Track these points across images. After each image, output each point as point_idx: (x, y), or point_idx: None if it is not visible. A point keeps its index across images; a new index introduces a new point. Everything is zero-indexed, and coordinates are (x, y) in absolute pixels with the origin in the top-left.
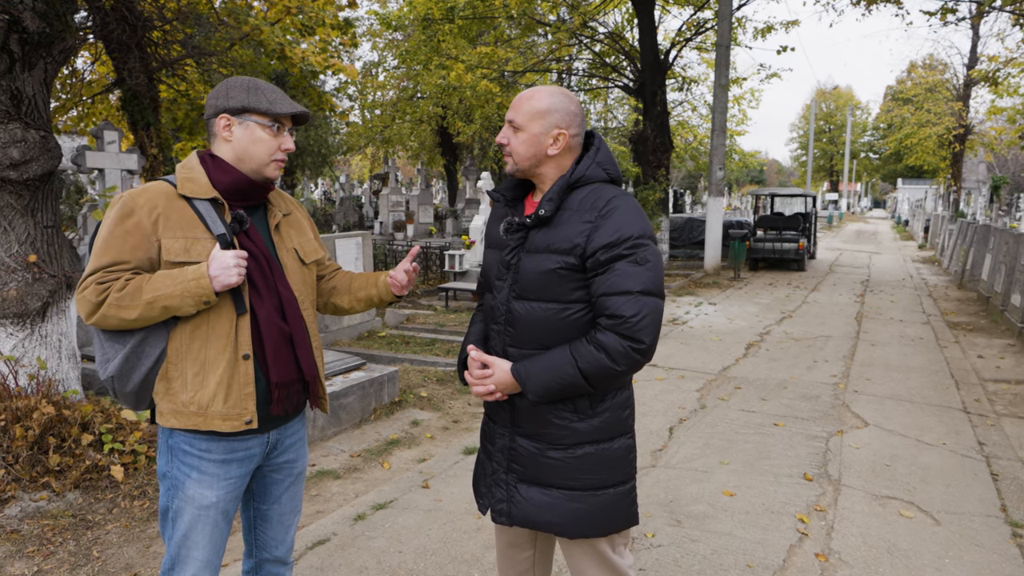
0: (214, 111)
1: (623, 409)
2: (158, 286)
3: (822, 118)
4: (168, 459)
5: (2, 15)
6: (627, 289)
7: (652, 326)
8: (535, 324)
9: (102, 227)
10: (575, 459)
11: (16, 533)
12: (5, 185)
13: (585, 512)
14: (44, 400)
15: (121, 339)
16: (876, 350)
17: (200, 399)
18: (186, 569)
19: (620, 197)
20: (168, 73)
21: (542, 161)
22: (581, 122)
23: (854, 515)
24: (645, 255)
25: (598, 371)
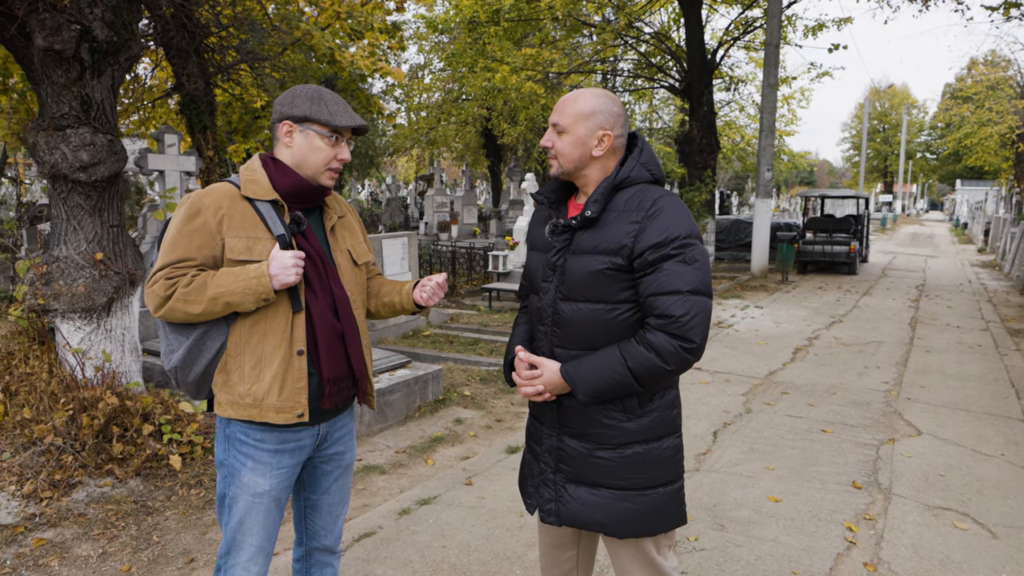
0: (279, 116)
1: (671, 408)
2: (222, 283)
3: (876, 117)
4: (225, 448)
5: (74, 25)
6: (676, 288)
7: (702, 325)
8: (583, 325)
9: (170, 226)
10: (624, 459)
11: (83, 516)
12: (75, 186)
13: (635, 512)
14: (108, 391)
15: (185, 332)
16: (931, 357)
17: (256, 391)
18: (242, 553)
19: (666, 197)
20: (224, 78)
21: (587, 163)
22: (624, 123)
23: (905, 525)
24: (693, 254)
25: (649, 371)
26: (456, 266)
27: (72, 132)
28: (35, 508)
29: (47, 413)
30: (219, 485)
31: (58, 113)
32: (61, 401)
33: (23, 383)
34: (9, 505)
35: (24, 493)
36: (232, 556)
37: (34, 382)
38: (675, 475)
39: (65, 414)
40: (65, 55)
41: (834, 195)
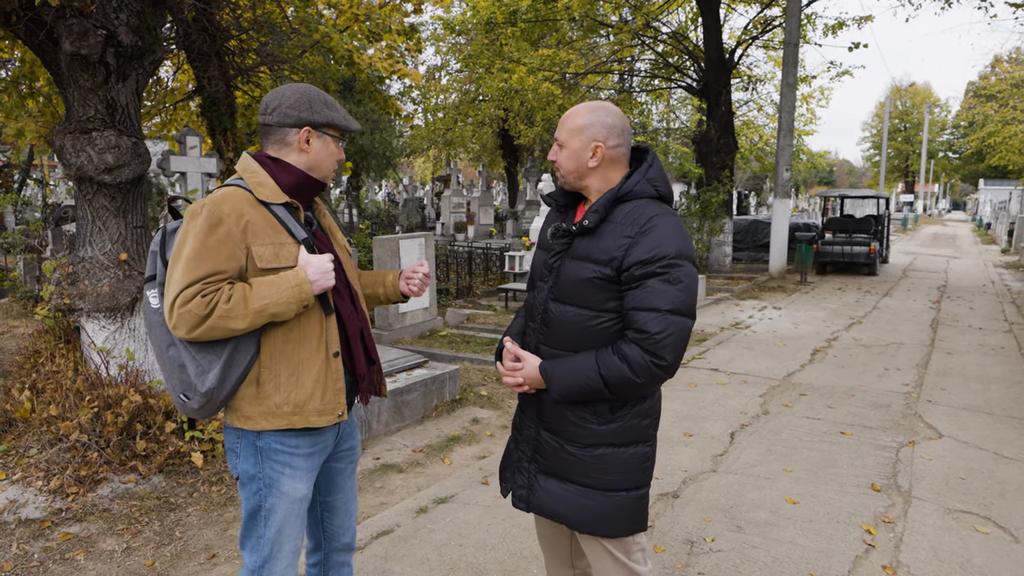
0: (296, 121)
1: (644, 418)
2: (264, 294)
3: (897, 116)
4: (257, 461)
5: (100, 30)
6: (656, 306)
7: (676, 345)
8: (567, 327)
9: (188, 237)
10: (591, 458)
11: (108, 512)
12: (100, 188)
13: (594, 509)
14: (132, 389)
15: (214, 349)
16: (953, 359)
17: (296, 399)
18: (279, 563)
19: (663, 216)
20: (244, 80)
21: (584, 174)
22: (621, 133)
23: (925, 528)
24: (678, 275)
25: (619, 380)
26: (472, 266)
27: (98, 135)
28: (61, 503)
29: (72, 410)
30: (250, 500)
31: (84, 116)
32: (86, 399)
33: (49, 381)
34: (36, 500)
35: (51, 488)
36: (268, 567)
37: (60, 380)
38: (640, 482)
39: (90, 411)
40: (91, 59)
41: (854, 195)
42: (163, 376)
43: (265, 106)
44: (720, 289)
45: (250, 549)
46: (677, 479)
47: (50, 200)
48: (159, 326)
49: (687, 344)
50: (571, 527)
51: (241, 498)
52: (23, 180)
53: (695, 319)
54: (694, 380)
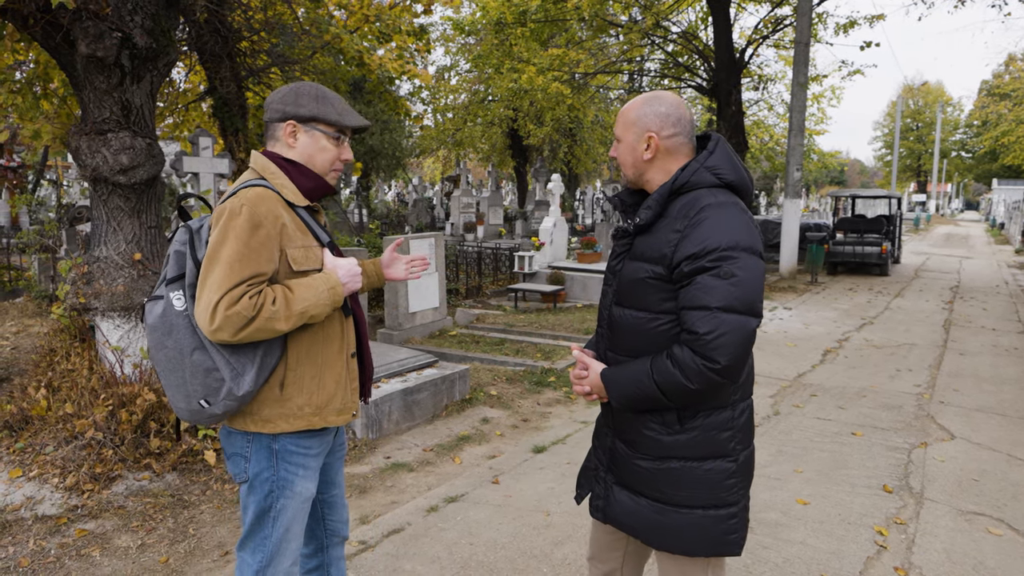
0: (282, 115)
1: (720, 431)
2: (304, 296)
3: (909, 115)
4: (272, 463)
5: (116, 33)
6: (705, 304)
7: (731, 346)
8: (628, 331)
9: (229, 238)
10: (660, 471)
11: (122, 509)
12: (115, 189)
13: (667, 526)
14: (146, 387)
15: (247, 352)
16: (965, 360)
17: (317, 400)
18: (284, 561)
19: (717, 205)
20: (255, 81)
21: (643, 168)
22: (677, 122)
23: (938, 530)
24: (731, 269)
25: (673, 386)
26: (482, 267)
27: (113, 136)
28: (77, 500)
29: (88, 408)
30: (259, 502)
31: (99, 118)
32: (101, 397)
33: (65, 379)
34: (53, 497)
35: (67, 485)
36: (273, 566)
37: (75, 378)
38: (720, 500)
39: (105, 409)
40: (107, 61)
41: (865, 195)
42: (173, 382)
43: (268, 104)
44: None
45: (252, 550)
46: None
47: (64, 200)
48: (183, 329)
49: (749, 345)
50: (645, 543)
51: (247, 501)
52: (37, 181)
53: (759, 316)
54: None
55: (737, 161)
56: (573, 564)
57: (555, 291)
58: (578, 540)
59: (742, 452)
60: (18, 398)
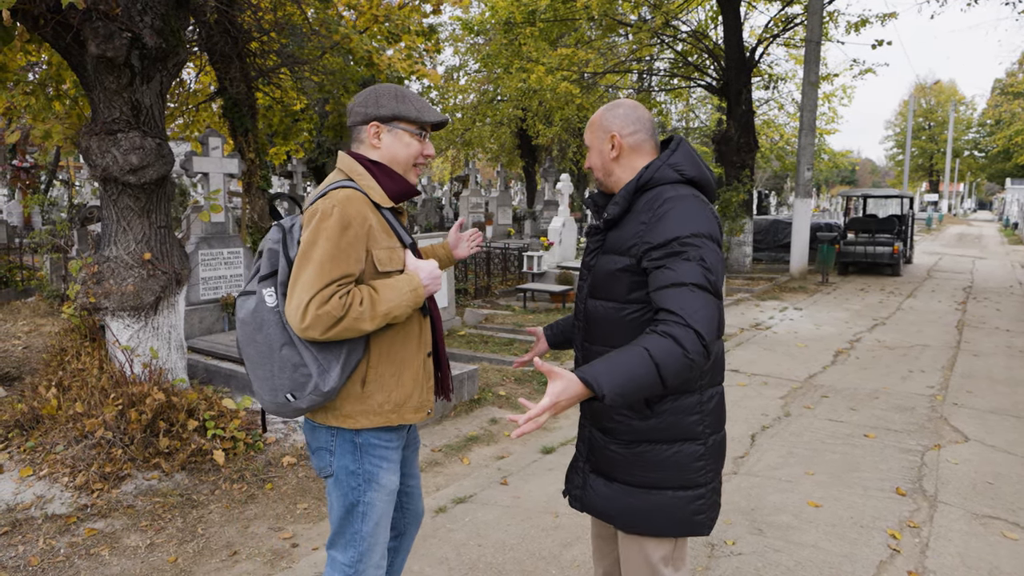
0: (363, 118)
1: (687, 415)
2: (389, 298)
3: (921, 115)
4: (357, 457)
5: (125, 33)
6: (680, 281)
7: (708, 321)
8: (601, 322)
9: (320, 239)
10: (632, 455)
11: (131, 508)
12: (125, 189)
13: (638, 508)
14: (155, 387)
15: (333, 349)
16: (979, 361)
17: (396, 397)
18: (375, 555)
19: (680, 198)
20: (265, 81)
21: (610, 167)
22: (636, 121)
23: (951, 534)
24: (699, 253)
25: (670, 358)
26: (491, 267)
27: (123, 136)
28: (87, 499)
29: (98, 408)
30: (347, 497)
31: (110, 118)
32: (111, 396)
33: (75, 378)
34: (63, 496)
35: (76, 484)
36: (364, 561)
37: (85, 378)
38: (690, 482)
39: (115, 409)
40: (116, 62)
41: (877, 195)
42: (261, 375)
43: (350, 108)
44: (740, 290)
45: (343, 546)
46: None
47: (76, 200)
48: (274, 325)
49: (716, 326)
50: (617, 526)
51: (334, 495)
52: (49, 181)
53: (721, 299)
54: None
55: (698, 159)
56: (582, 566)
57: (564, 291)
58: (587, 542)
59: (711, 436)
60: (29, 397)
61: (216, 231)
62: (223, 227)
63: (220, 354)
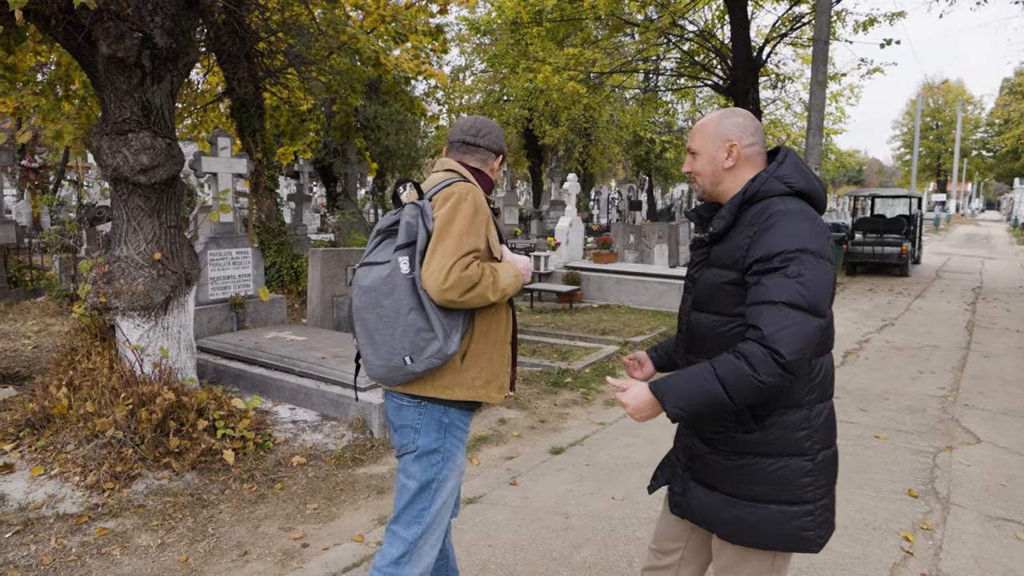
0: (499, 150)
1: (794, 430)
2: (505, 278)
3: (929, 114)
4: (441, 435)
5: (136, 33)
6: (771, 299)
7: (795, 341)
8: (703, 334)
9: (458, 216)
10: (735, 467)
11: (142, 508)
12: (136, 189)
13: (740, 520)
14: (165, 387)
15: (456, 317)
16: (990, 362)
17: (486, 375)
18: (435, 533)
19: (787, 212)
20: (272, 82)
21: (721, 177)
22: (754, 133)
23: (965, 536)
24: (798, 269)
25: (737, 379)
26: None
27: (133, 136)
28: (98, 499)
29: (108, 407)
30: (425, 473)
31: (120, 118)
32: (121, 396)
33: (86, 378)
34: (74, 495)
35: (87, 484)
36: (424, 539)
37: (96, 377)
38: (796, 497)
39: (125, 408)
40: (127, 62)
41: (885, 195)
42: (379, 339)
43: (475, 129)
44: None
45: (408, 522)
46: None
47: (84, 201)
48: (405, 290)
49: (812, 343)
50: (718, 535)
51: (411, 472)
52: (58, 181)
53: (824, 317)
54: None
55: (807, 170)
56: (593, 567)
57: (571, 291)
58: (597, 543)
59: (820, 452)
60: (40, 396)
61: (225, 231)
62: (231, 227)
63: (229, 354)
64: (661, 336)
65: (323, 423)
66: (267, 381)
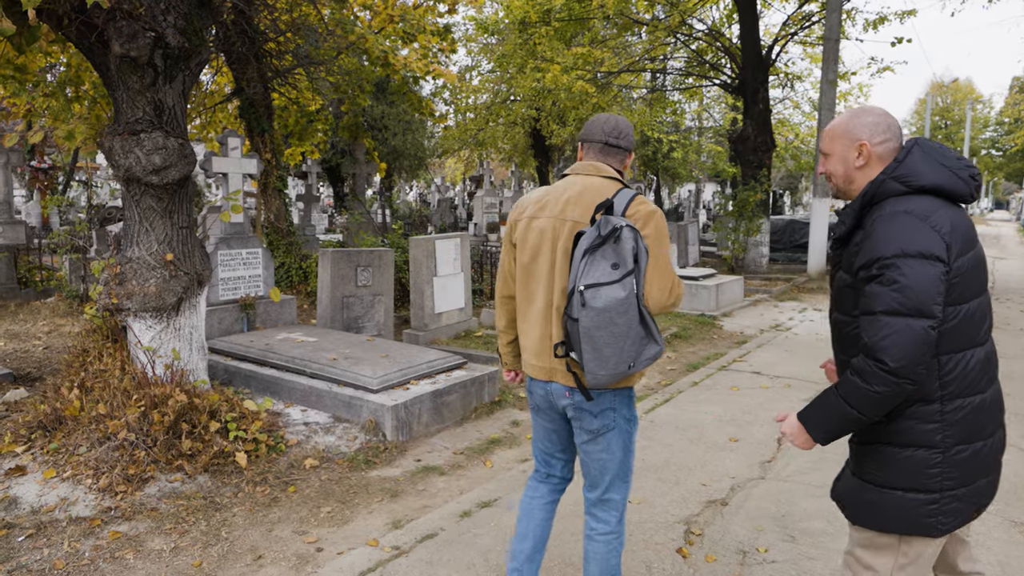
0: (632, 149)
1: (924, 422)
2: None
3: (937, 113)
4: (631, 407)
5: (149, 32)
6: (870, 310)
7: (897, 348)
8: (838, 333)
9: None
10: (865, 451)
11: (155, 511)
12: (148, 189)
13: (867, 502)
14: (177, 388)
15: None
16: (1006, 363)
17: None
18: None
19: (888, 216)
20: (280, 82)
21: (852, 177)
22: (887, 130)
23: (991, 541)
24: (892, 275)
25: (859, 397)
26: None
27: (145, 136)
28: (110, 502)
29: (120, 409)
30: (626, 440)
31: (132, 118)
32: (133, 398)
33: (97, 379)
34: (86, 498)
35: (100, 487)
36: (629, 492)
37: (107, 379)
38: (922, 486)
39: (137, 410)
40: (140, 61)
41: None
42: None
43: (617, 131)
44: (758, 290)
45: (619, 484)
46: (725, 486)
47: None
48: (634, 307)
49: (922, 346)
50: (848, 517)
51: (613, 444)
52: (67, 182)
53: (930, 317)
54: (736, 383)
55: (940, 161)
56: None
57: None
58: None
59: (955, 447)
60: (52, 398)
61: (235, 232)
62: (242, 228)
63: (240, 355)
64: (672, 337)
65: (335, 425)
66: (278, 382)
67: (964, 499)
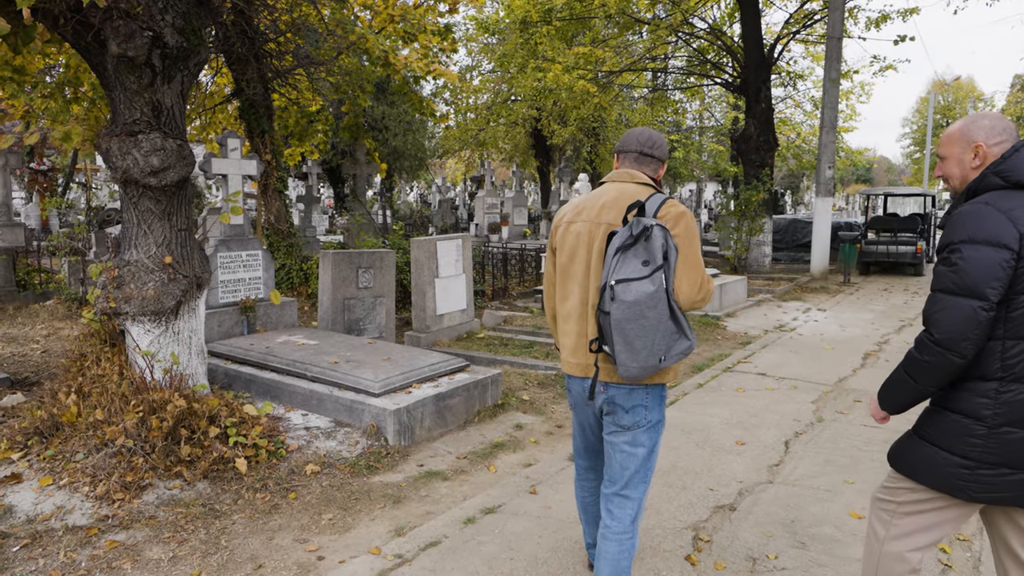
0: (665, 159)
1: (978, 396)
2: None
3: (939, 111)
4: (662, 407)
5: (146, 32)
6: (932, 287)
7: (945, 322)
8: None
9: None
10: (929, 413)
11: (153, 519)
12: (146, 191)
13: (907, 449)
14: (176, 393)
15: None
16: None
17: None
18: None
19: (966, 208)
20: (281, 82)
21: (969, 178)
22: (1003, 131)
23: None
24: (954, 258)
25: (912, 365)
26: (508, 268)
27: (143, 137)
28: (107, 510)
29: (118, 415)
30: (653, 439)
31: (130, 119)
32: (131, 403)
33: (95, 384)
34: (83, 506)
35: (97, 494)
36: (647, 493)
37: (105, 384)
38: (958, 450)
39: (135, 416)
40: (137, 61)
41: (898, 193)
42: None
43: (651, 142)
44: (761, 290)
45: (638, 483)
46: (732, 490)
47: (93, 203)
48: (664, 302)
49: (966, 323)
50: (889, 462)
51: (640, 441)
52: (67, 184)
53: (982, 299)
54: (742, 385)
55: None
56: None
57: None
58: None
59: (1002, 426)
60: (48, 403)
61: (235, 233)
62: (241, 229)
63: (239, 358)
64: None
65: (336, 430)
66: (279, 386)
67: (995, 470)
